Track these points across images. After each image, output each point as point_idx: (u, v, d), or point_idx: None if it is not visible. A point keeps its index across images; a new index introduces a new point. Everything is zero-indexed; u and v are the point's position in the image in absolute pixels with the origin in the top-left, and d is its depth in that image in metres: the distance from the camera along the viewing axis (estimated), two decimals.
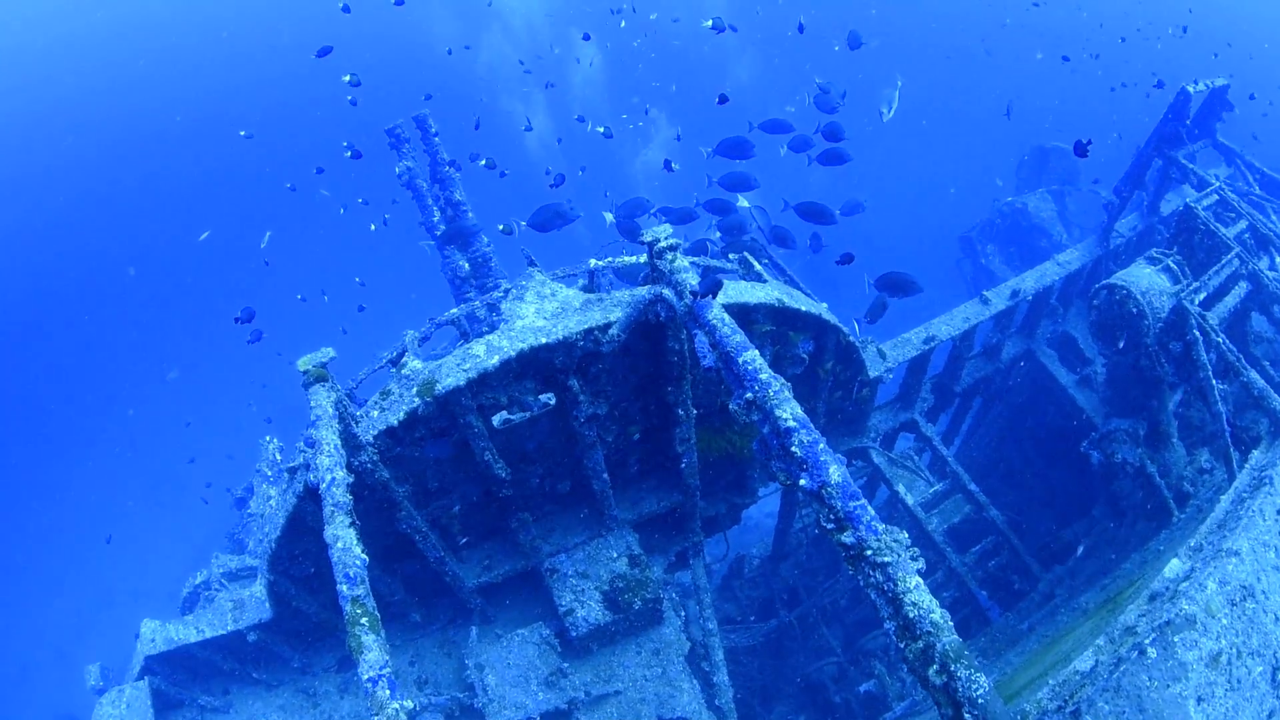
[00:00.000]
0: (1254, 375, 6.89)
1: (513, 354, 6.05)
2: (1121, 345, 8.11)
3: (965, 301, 10.36)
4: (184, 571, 12.58)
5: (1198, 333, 7.34)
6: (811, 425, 4.66)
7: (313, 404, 5.65)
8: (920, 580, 3.98)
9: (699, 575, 9.21)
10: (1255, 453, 6.31)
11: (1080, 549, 9.28)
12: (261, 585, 7.91)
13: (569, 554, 8.29)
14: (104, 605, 34.24)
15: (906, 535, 4.12)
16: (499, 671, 8.18)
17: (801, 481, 4.54)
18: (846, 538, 4.21)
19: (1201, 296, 7.85)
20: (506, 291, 6.73)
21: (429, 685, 8.66)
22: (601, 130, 12.45)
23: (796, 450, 4.54)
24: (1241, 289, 8.57)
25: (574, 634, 8.02)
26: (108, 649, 8.91)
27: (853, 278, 11.75)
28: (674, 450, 7.64)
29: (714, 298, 5.43)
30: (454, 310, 7.22)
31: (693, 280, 5.62)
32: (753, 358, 5.01)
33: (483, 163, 10.42)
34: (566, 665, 8.15)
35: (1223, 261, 8.58)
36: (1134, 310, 7.93)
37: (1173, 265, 8.36)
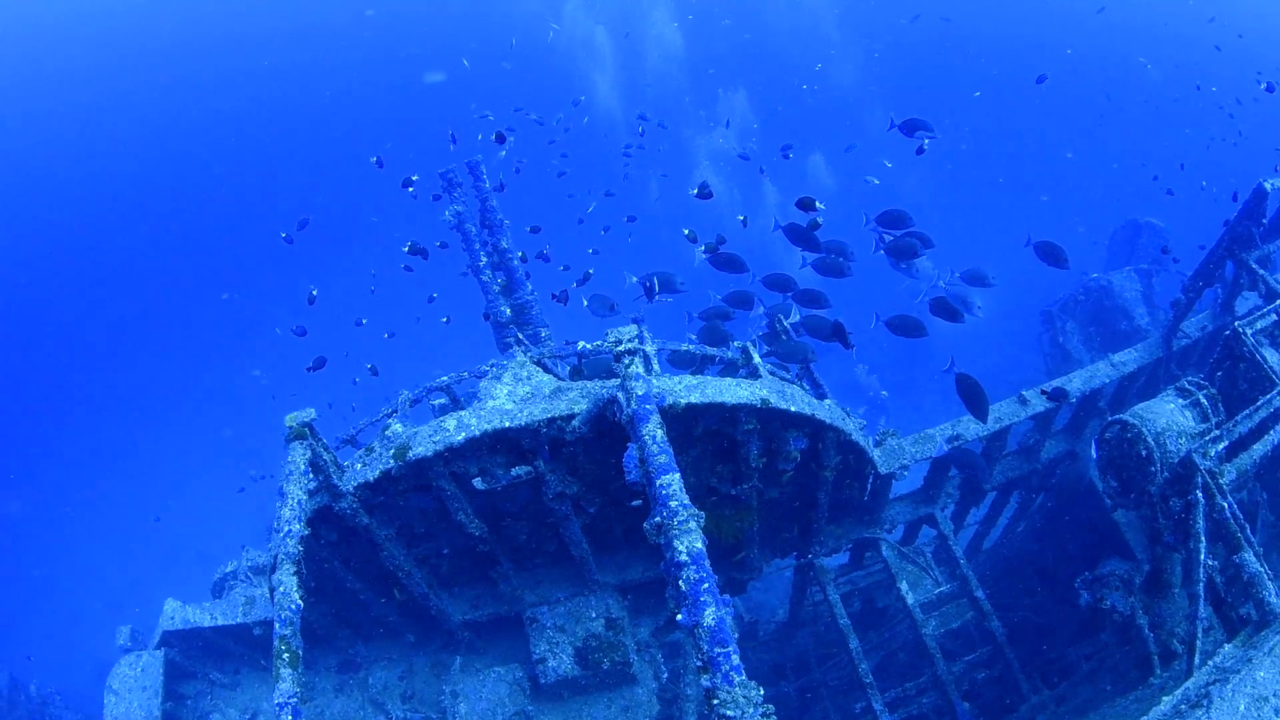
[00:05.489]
0: (1249, 557, 6.53)
1: (477, 433, 6.46)
2: (1117, 488, 7.79)
3: (1004, 399, 10.17)
4: (247, 541, 13.56)
5: (1200, 494, 6.92)
6: (705, 563, 4.86)
7: (288, 459, 6.19)
8: None
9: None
10: (1227, 646, 6.02)
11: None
12: (268, 589, 8.62)
13: (551, 607, 8.67)
14: (170, 564, 36.76)
15: (760, 692, 4.28)
16: (470, 702, 8.65)
17: (678, 616, 4.77)
18: (705, 680, 4.43)
19: (1221, 445, 7.38)
20: (493, 365, 7.15)
21: (413, 700, 9.22)
22: (695, 191, 12.58)
23: (682, 585, 4.77)
24: None
25: (543, 681, 8.43)
26: (158, 607, 9.95)
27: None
28: None
29: (655, 415, 5.65)
30: (443, 378, 7.70)
31: (640, 390, 5.86)
32: (670, 481, 5.24)
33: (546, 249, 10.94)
34: (533, 708, 8.57)
35: (1259, 402, 8.05)
36: (1143, 453, 7.60)
37: (1203, 401, 7.89)
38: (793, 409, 7.43)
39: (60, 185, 72.15)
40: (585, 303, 10.44)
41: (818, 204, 10.11)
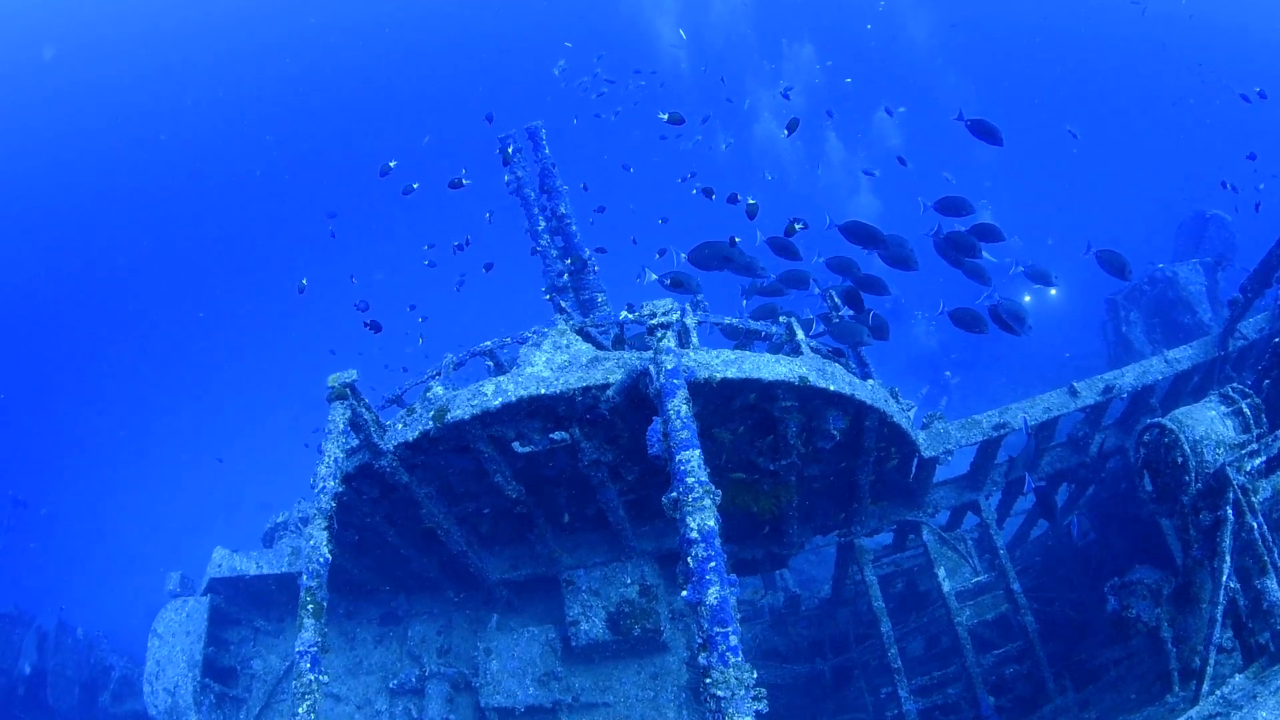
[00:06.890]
0: (1271, 584, 6.27)
1: (513, 399, 6.60)
2: (1153, 492, 7.58)
3: (1053, 390, 9.98)
4: (304, 493, 13.99)
5: (1230, 510, 6.53)
6: (715, 542, 4.93)
7: (329, 418, 6.41)
8: None
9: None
10: (1238, 677, 5.86)
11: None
12: None
13: (587, 570, 8.82)
14: (231, 509, 38.23)
15: (754, 674, 4.33)
16: (502, 660, 8.89)
17: (683, 592, 4.85)
18: (702, 657, 4.51)
19: (1259, 461, 7.08)
20: (535, 332, 7.27)
21: (450, 654, 9.50)
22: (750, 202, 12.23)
23: (690, 561, 4.85)
24: None
25: (574, 644, 8.61)
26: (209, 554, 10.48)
27: None
28: None
29: (682, 391, 5.70)
30: (486, 343, 7.85)
31: (669, 364, 5.90)
32: (689, 458, 5.27)
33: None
34: (562, 669, 8.79)
35: None
36: (1178, 460, 7.36)
37: (1246, 410, 7.58)
38: (831, 388, 7.37)
39: (165, 163, 75.09)
40: (651, 277, 10.38)
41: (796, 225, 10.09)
